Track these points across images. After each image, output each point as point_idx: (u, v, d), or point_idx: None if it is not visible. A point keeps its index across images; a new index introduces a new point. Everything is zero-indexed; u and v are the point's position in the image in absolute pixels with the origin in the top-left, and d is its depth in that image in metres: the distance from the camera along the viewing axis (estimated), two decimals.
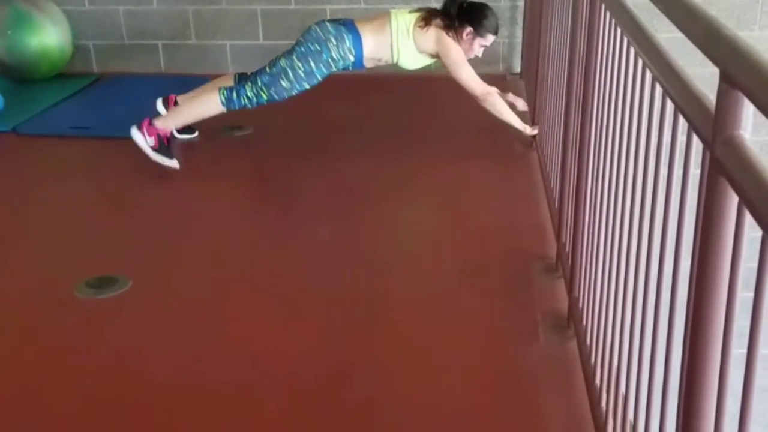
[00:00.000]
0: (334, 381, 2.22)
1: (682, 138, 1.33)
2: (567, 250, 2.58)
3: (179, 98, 3.85)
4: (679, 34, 1.35)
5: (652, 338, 1.51)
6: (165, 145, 3.60)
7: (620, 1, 1.83)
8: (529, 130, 3.67)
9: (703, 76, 1.24)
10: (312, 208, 3.32)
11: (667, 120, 1.41)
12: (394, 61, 3.64)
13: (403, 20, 3.59)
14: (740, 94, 1.01)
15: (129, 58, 5.25)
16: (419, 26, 3.58)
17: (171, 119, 3.67)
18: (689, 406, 1.20)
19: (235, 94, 3.57)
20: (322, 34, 3.54)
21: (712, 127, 1.08)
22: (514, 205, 3.08)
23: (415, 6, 3.77)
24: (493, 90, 3.63)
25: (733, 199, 1.05)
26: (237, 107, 3.60)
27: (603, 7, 2.01)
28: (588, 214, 2.22)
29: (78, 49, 5.11)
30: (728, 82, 1.03)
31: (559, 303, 2.51)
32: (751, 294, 1.00)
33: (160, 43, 5.23)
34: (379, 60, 3.63)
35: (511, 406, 2.15)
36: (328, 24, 3.59)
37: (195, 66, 5.16)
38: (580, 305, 2.28)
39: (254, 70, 3.64)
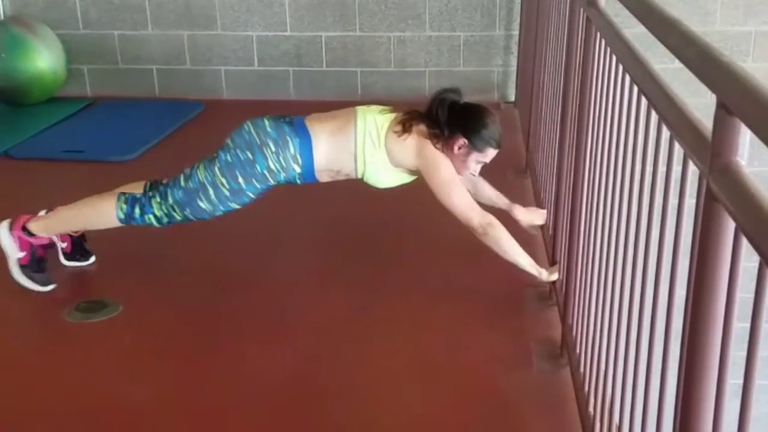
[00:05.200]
0: (324, 403, 2.24)
1: (677, 167, 1.32)
2: (561, 277, 2.57)
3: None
4: (671, 66, 1.35)
5: (647, 367, 1.50)
6: (38, 260, 2.79)
7: (615, 29, 1.83)
8: (545, 274, 2.64)
9: (696, 106, 1.24)
10: (301, 231, 3.31)
11: (663, 148, 1.40)
12: (359, 175, 2.66)
13: (373, 122, 2.62)
14: (738, 120, 1.01)
15: (123, 82, 5.25)
16: (395, 131, 2.60)
17: (50, 224, 2.81)
18: None
19: (137, 210, 2.67)
20: (257, 137, 2.58)
21: (709, 155, 1.07)
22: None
23: (386, 107, 2.73)
24: (495, 220, 2.60)
25: (730, 226, 1.04)
26: (140, 224, 2.72)
27: (598, 35, 2.02)
28: (582, 241, 2.21)
29: (72, 73, 5.12)
30: (725, 109, 1.03)
31: (553, 331, 2.51)
32: (747, 324, 0.99)
33: (154, 67, 5.23)
34: (338, 172, 2.67)
35: None
36: (266, 121, 2.62)
37: (189, 91, 5.18)
38: (574, 333, 2.27)
39: (167, 180, 2.71)
